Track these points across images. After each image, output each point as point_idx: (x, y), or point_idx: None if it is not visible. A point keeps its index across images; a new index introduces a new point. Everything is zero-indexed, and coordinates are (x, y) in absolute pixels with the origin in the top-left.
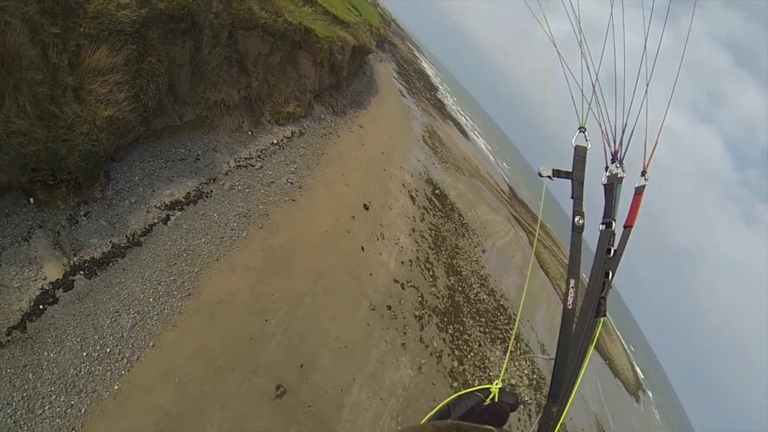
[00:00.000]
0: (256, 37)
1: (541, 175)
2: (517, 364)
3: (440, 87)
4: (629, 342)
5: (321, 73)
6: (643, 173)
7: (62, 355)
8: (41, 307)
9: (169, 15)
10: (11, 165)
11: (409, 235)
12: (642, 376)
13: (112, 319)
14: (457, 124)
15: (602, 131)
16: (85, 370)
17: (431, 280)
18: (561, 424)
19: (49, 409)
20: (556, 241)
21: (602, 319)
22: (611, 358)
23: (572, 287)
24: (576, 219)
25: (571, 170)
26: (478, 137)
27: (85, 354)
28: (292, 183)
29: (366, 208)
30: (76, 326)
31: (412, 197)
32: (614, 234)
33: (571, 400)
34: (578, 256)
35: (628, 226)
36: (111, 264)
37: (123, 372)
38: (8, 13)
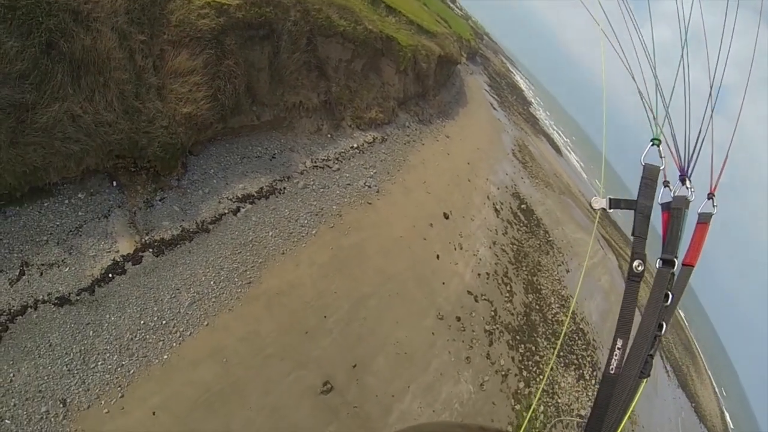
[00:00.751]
0: (336, 44)
1: (594, 209)
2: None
3: (534, 102)
4: (721, 385)
5: (405, 81)
6: (710, 196)
7: (122, 320)
8: (110, 275)
9: (247, 23)
10: (98, 150)
11: (489, 247)
12: (732, 426)
13: (172, 295)
14: (550, 140)
15: (672, 140)
16: (140, 337)
17: (508, 295)
18: None
19: (101, 364)
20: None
21: (645, 381)
22: (698, 401)
23: (618, 348)
24: (635, 264)
25: (635, 198)
26: (571, 154)
27: (142, 322)
28: (369, 186)
29: (446, 217)
30: (139, 296)
31: (496, 210)
32: (674, 275)
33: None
34: (632, 312)
35: (688, 265)
36: (178, 246)
37: (174, 344)
38: (100, 22)
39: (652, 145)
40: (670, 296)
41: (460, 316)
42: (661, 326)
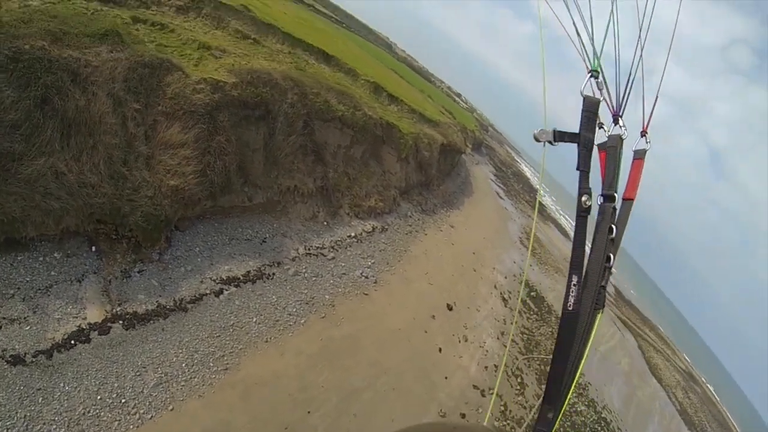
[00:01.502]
0: (334, 129)
1: (538, 140)
2: None
3: (541, 191)
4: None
5: (407, 169)
6: (643, 134)
7: (77, 391)
8: (73, 342)
9: (242, 102)
10: (78, 211)
11: (497, 338)
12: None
13: (137, 373)
14: (558, 226)
15: (604, 83)
16: (94, 413)
17: (518, 387)
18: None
19: None
20: (668, 341)
21: (601, 312)
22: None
23: (574, 284)
24: (583, 199)
25: (577, 131)
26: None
27: (99, 397)
28: (366, 277)
29: (450, 308)
30: (100, 369)
31: (504, 299)
32: (616, 209)
33: (566, 404)
34: (582, 246)
35: (628, 199)
36: (151, 321)
37: (131, 427)
38: (97, 86)
39: (591, 77)
40: (614, 229)
41: (464, 413)
42: (609, 258)
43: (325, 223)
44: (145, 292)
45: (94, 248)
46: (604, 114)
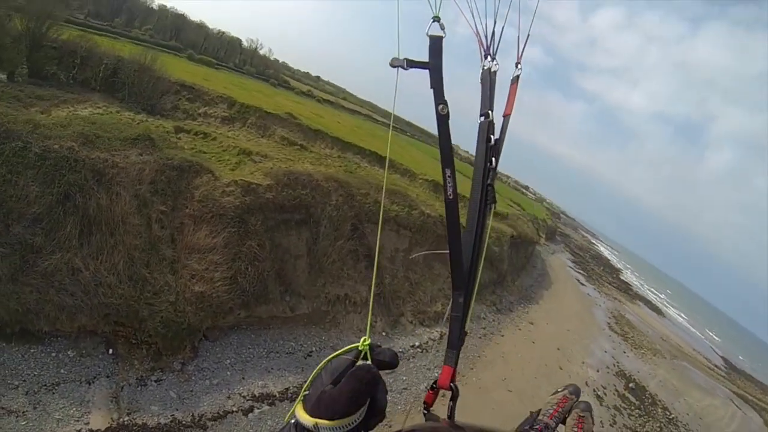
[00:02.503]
0: (389, 231)
1: (392, 66)
2: None
3: (622, 268)
4: None
5: None
6: (517, 64)
7: None
8: None
9: (278, 205)
10: (93, 310)
11: None
12: None
13: None
14: (648, 303)
15: (475, 27)
16: None
17: None
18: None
19: None
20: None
21: (493, 206)
22: None
23: (448, 176)
24: (439, 108)
25: (427, 60)
26: (672, 310)
27: None
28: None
29: None
30: None
31: (598, 397)
32: (493, 124)
33: (475, 290)
34: (448, 146)
35: (506, 115)
36: None
37: None
38: (122, 187)
39: (434, 22)
40: (494, 139)
41: None
42: (491, 161)
43: (384, 333)
44: (160, 404)
45: (111, 351)
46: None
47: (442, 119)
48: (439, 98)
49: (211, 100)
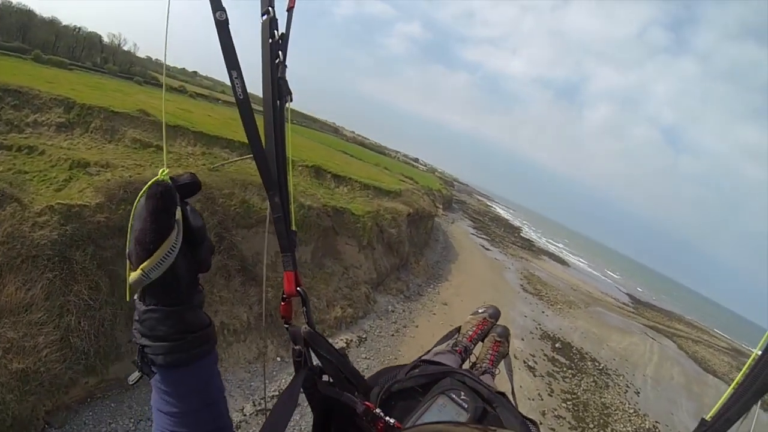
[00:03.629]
0: (264, 234)
1: None
2: None
3: (522, 226)
4: None
5: (374, 256)
6: None
7: None
8: None
9: (116, 228)
10: None
11: (540, 424)
12: None
13: None
14: (552, 256)
15: None
16: None
17: None
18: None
19: None
20: (700, 326)
21: (289, 103)
22: None
23: (236, 78)
24: (217, 15)
25: None
26: (573, 258)
27: None
28: None
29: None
30: None
31: (529, 368)
32: (276, 20)
33: (291, 188)
34: (231, 50)
35: (290, 9)
36: None
37: None
38: None
39: None
40: (278, 34)
41: None
42: (278, 55)
43: (279, 358)
44: None
45: None
46: None
47: (222, 25)
48: (217, 5)
49: (43, 104)
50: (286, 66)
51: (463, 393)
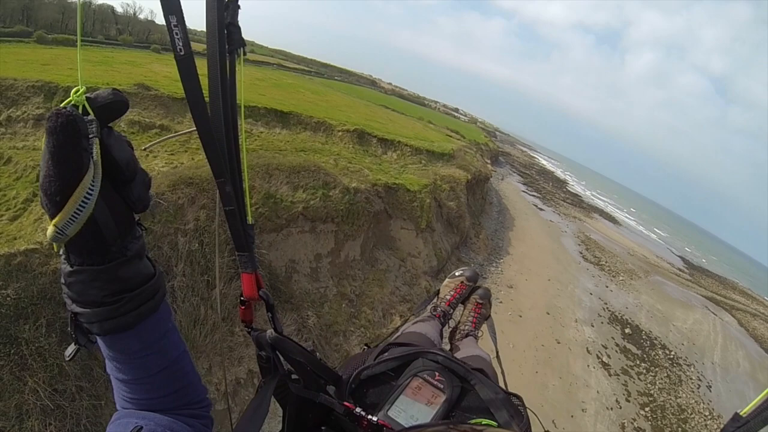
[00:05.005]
0: (299, 234)
1: None
2: None
3: (567, 179)
4: None
5: (434, 238)
6: None
7: None
8: None
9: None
10: None
11: None
12: None
13: None
14: (602, 213)
15: None
16: None
17: None
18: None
19: None
20: (755, 295)
21: (242, 52)
22: None
23: (174, 26)
24: None
25: None
26: (622, 215)
27: None
28: None
29: None
30: None
31: (604, 365)
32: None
33: (246, 171)
34: None
35: None
36: None
37: None
38: None
39: None
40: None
41: None
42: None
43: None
44: None
45: None
46: None
47: None
48: None
49: (18, 95)
50: (238, 6)
51: (437, 373)
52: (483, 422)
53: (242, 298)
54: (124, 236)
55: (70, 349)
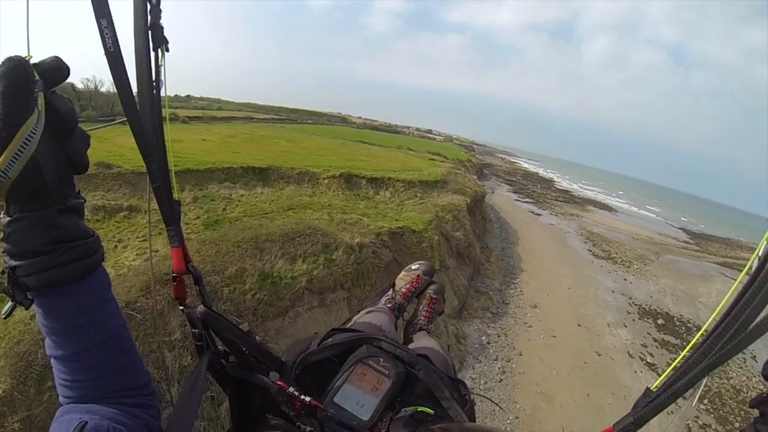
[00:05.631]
0: (307, 313)
1: None
2: None
3: (552, 176)
4: None
5: (450, 277)
6: None
7: None
8: None
9: None
10: None
11: None
12: None
13: None
14: (596, 203)
15: None
16: None
17: None
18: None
19: None
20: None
21: (165, 50)
22: None
23: (105, 27)
24: None
25: None
26: (615, 201)
27: None
28: None
29: None
30: None
31: (650, 366)
32: None
33: (170, 151)
34: None
35: None
36: None
37: None
38: None
39: None
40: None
41: None
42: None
43: None
44: None
45: None
46: None
47: None
48: None
49: None
50: (160, 10)
51: (382, 359)
52: (419, 410)
53: (174, 274)
54: (64, 186)
55: (7, 307)
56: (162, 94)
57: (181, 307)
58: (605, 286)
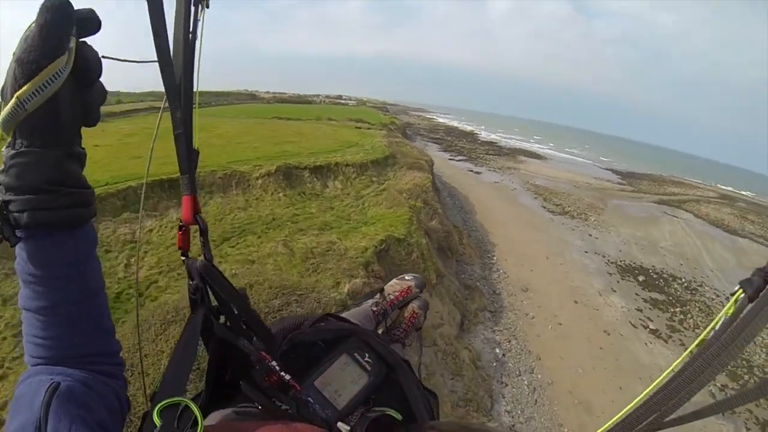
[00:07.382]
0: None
1: None
2: None
3: (474, 129)
4: None
5: (445, 284)
6: None
7: None
8: None
9: None
10: None
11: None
12: None
13: None
14: (525, 152)
15: None
16: None
17: None
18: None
19: None
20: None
21: (205, 11)
22: None
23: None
24: None
25: None
26: (538, 147)
27: None
28: None
29: None
30: None
31: (655, 334)
32: None
33: (197, 98)
34: None
35: None
36: None
37: None
38: None
39: None
40: None
41: None
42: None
43: None
44: None
45: None
46: None
47: None
48: None
49: None
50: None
51: (367, 355)
52: (387, 412)
53: (180, 224)
54: (74, 134)
55: None
56: (197, 47)
57: (183, 258)
58: (577, 247)
